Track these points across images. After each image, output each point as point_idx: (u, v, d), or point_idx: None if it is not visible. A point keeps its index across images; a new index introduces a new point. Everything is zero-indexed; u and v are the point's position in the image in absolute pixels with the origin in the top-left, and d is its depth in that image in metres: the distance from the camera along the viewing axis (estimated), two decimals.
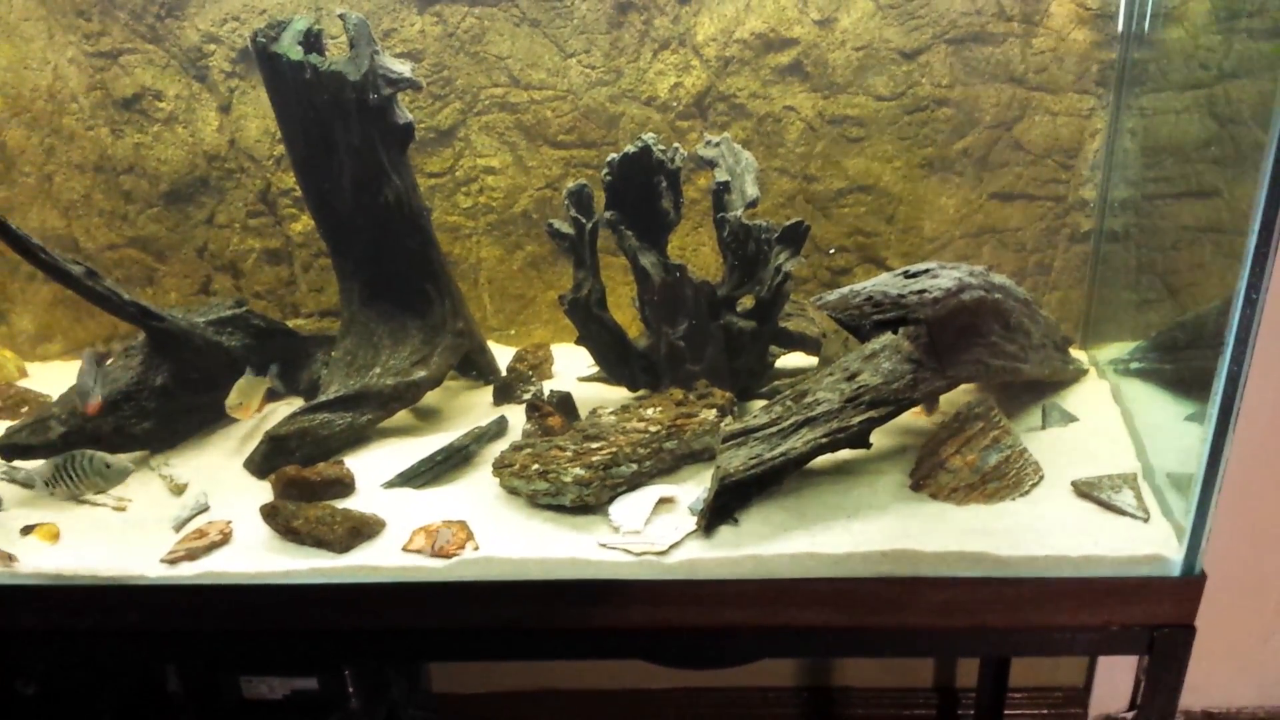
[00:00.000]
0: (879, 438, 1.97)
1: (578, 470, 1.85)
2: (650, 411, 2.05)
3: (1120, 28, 2.40)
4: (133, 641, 1.84)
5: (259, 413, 2.27)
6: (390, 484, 2.02)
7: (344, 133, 2.10)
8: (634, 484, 1.92)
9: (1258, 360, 1.55)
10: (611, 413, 2.09)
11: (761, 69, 2.51)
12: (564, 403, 2.20)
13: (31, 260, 1.99)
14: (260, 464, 2.08)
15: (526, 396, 2.35)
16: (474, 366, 2.53)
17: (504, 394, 2.43)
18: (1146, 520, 1.78)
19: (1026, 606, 1.71)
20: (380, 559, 1.78)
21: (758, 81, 2.52)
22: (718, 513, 1.79)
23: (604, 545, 1.77)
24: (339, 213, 2.21)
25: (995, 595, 1.71)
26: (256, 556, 1.79)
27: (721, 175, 2.22)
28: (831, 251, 2.51)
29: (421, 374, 2.25)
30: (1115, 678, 2.96)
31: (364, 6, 2.47)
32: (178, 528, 1.89)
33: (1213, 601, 1.75)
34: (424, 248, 2.30)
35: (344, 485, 1.99)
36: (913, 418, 2.13)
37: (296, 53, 2.04)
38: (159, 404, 2.19)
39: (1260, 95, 1.96)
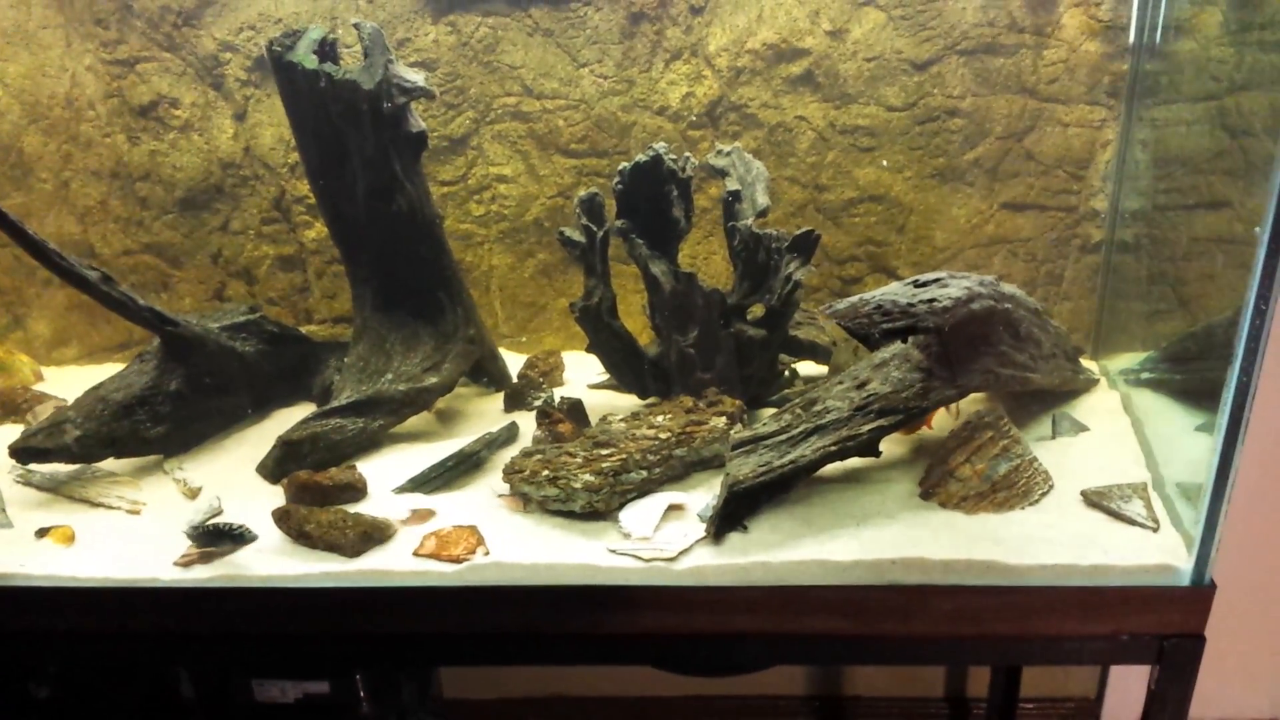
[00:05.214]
0: (888, 446, 1.97)
1: (588, 477, 1.85)
2: (660, 419, 2.06)
3: (1131, 40, 2.41)
4: (145, 644, 1.85)
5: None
6: (401, 489, 2.03)
7: (358, 141, 2.11)
8: (644, 491, 1.93)
9: (1267, 371, 1.54)
10: (622, 420, 2.10)
11: (773, 79, 2.52)
12: (574, 409, 2.21)
13: (48, 265, 2.01)
14: (273, 468, 2.10)
15: (537, 403, 2.36)
16: (485, 373, 2.54)
17: (515, 401, 2.44)
18: (1156, 530, 1.77)
19: (1035, 615, 1.71)
20: (391, 563, 1.78)
21: (769, 91, 2.54)
22: (727, 520, 1.80)
23: (613, 551, 1.77)
24: (352, 220, 2.23)
25: (1004, 604, 1.71)
26: (269, 560, 1.80)
27: (732, 184, 2.23)
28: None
29: (433, 380, 2.26)
30: (1127, 689, 2.95)
31: (379, 16, 2.50)
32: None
33: (1224, 612, 1.74)
34: (436, 255, 2.31)
35: (356, 490, 2.00)
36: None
37: (311, 61, 2.06)
38: (173, 408, 2.20)
39: (1271, 107, 1.97)
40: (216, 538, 1.78)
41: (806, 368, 2.48)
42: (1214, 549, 1.66)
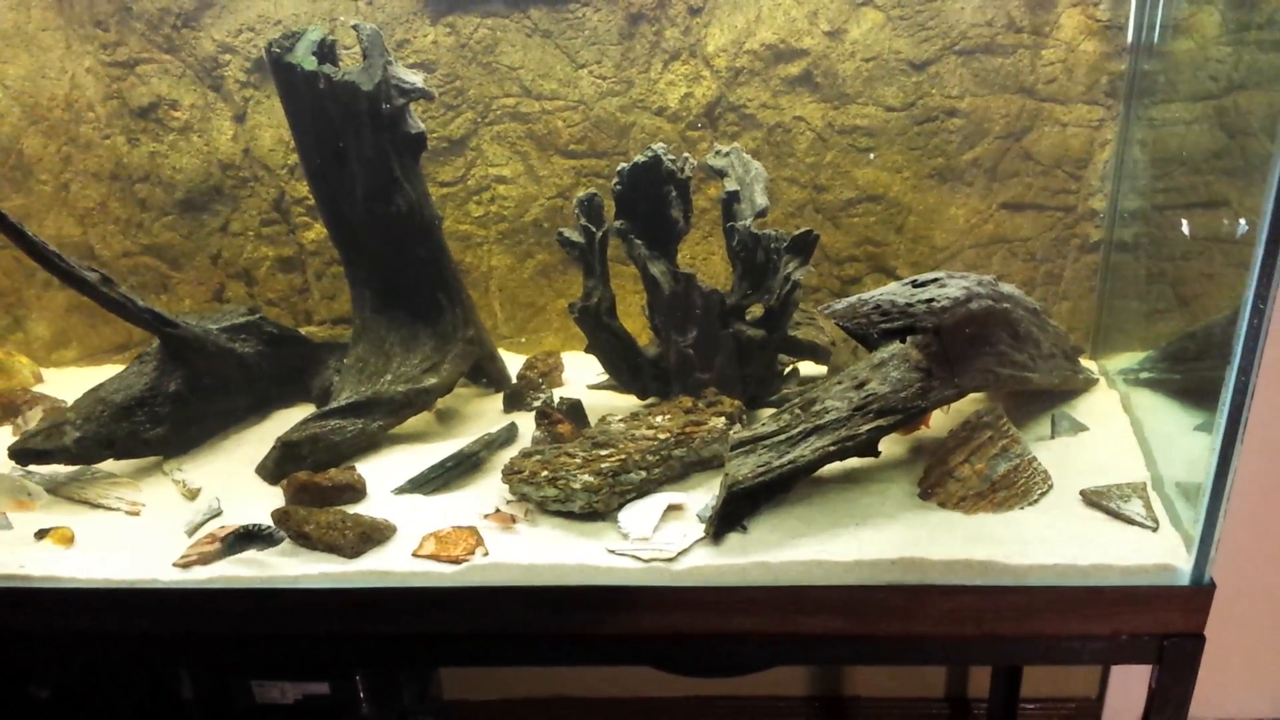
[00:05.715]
0: (887, 446, 1.97)
1: (587, 477, 1.85)
2: (659, 419, 2.06)
3: (1130, 39, 2.40)
4: (145, 646, 1.85)
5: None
6: (401, 490, 2.03)
7: (357, 142, 2.12)
8: (643, 491, 1.93)
9: (1265, 369, 1.55)
10: (621, 420, 2.10)
11: (771, 79, 2.52)
12: (574, 410, 2.21)
13: (48, 267, 2.01)
14: (272, 469, 2.10)
15: (536, 404, 2.36)
16: (484, 374, 2.54)
17: (514, 401, 2.44)
18: (1155, 529, 1.77)
19: (1035, 615, 1.71)
20: (391, 564, 1.78)
21: (768, 92, 2.54)
22: (726, 520, 1.80)
23: (612, 551, 1.77)
24: (351, 221, 2.23)
25: (1004, 604, 1.70)
26: (268, 561, 1.80)
27: (731, 185, 2.23)
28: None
29: (432, 381, 2.26)
30: (1129, 689, 2.95)
31: (378, 18, 2.50)
32: (190, 532, 1.90)
33: (1227, 612, 1.74)
34: (435, 256, 2.31)
35: (355, 491, 2.00)
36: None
37: (310, 63, 2.06)
38: (172, 410, 2.20)
39: (1269, 106, 1.96)
40: (246, 540, 1.79)
41: (805, 368, 2.47)
42: (1213, 548, 1.66)
